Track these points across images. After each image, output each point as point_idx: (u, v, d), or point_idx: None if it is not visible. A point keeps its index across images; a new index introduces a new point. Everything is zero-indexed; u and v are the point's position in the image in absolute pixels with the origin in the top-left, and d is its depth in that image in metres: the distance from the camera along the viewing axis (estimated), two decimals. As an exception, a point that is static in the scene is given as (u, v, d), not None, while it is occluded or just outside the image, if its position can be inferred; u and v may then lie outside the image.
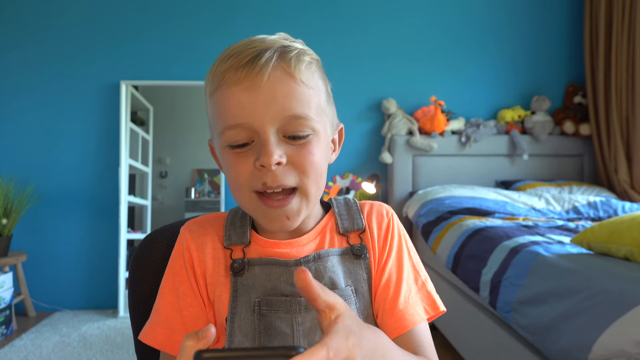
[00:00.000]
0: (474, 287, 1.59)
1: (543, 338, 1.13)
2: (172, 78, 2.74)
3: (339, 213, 0.59)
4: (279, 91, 0.47)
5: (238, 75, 0.47)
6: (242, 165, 0.49)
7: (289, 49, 0.50)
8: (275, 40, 0.51)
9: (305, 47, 0.53)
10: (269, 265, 0.54)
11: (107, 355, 2.02)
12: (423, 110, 2.71)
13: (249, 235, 0.56)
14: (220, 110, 0.49)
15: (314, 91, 0.50)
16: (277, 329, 0.50)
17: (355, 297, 0.53)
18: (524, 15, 2.85)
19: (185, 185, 2.98)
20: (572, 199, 2.27)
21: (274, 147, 0.47)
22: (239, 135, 0.48)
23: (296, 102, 0.48)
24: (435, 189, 2.43)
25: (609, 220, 1.32)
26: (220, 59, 0.51)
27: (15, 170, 2.63)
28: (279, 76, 0.48)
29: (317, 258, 0.54)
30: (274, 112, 0.47)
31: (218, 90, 0.49)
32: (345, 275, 0.54)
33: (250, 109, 0.47)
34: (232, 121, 0.48)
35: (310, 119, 0.49)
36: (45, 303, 2.66)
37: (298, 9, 2.78)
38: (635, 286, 0.99)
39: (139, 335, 0.55)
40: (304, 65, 0.50)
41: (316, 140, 0.50)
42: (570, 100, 2.78)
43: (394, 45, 2.81)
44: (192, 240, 0.57)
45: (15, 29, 2.67)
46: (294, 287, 0.52)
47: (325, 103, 0.54)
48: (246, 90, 0.47)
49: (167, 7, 2.74)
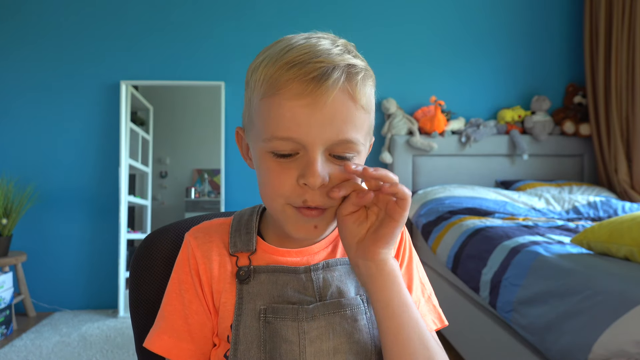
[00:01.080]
0: (474, 287, 1.59)
1: (543, 338, 1.13)
2: (172, 78, 2.74)
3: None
4: (338, 115, 0.46)
5: (302, 90, 0.45)
6: (284, 177, 0.48)
7: (356, 69, 0.48)
8: (340, 54, 0.47)
9: (363, 60, 0.51)
10: (276, 272, 0.53)
11: (107, 355, 2.02)
12: (423, 110, 2.71)
13: (254, 243, 0.56)
14: (272, 118, 0.47)
15: (369, 115, 0.50)
16: (282, 337, 0.50)
17: (366, 307, 0.53)
18: (524, 15, 2.85)
19: (185, 185, 2.98)
20: (572, 199, 2.27)
21: (321, 167, 0.46)
22: (286, 146, 0.47)
23: (352, 127, 0.47)
24: (435, 189, 2.43)
25: (609, 220, 1.32)
26: (280, 62, 0.46)
27: (15, 170, 2.63)
28: (343, 99, 0.46)
29: (325, 267, 0.54)
30: (328, 135, 0.46)
31: (274, 98, 0.46)
32: (357, 285, 0.54)
33: (306, 126, 0.45)
34: (283, 133, 0.46)
35: (359, 143, 0.49)
36: (45, 303, 2.66)
37: (298, 9, 2.78)
38: (635, 286, 0.99)
39: (145, 343, 0.54)
40: (367, 89, 0.49)
41: (358, 160, 0.50)
42: (570, 100, 2.78)
43: (394, 45, 2.81)
44: (197, 248, 0.56)
45: (15, 29, 2.67)
46: (302, 294, 0.52)
47: (372, 122, 0.53)
48: (306, 107, 0.45)
49: (167, 7, 2.74)
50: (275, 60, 0.47)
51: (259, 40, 2.75)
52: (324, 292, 0.52)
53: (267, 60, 0.48)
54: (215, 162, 2.82)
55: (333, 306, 0.51)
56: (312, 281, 0.53)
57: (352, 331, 0.50)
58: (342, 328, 0.50)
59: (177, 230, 0.67)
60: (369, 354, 0.51)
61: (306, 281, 0.53)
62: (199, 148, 3.00)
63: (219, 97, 2.77)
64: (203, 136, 2.96)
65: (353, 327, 0.51)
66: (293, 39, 0.49)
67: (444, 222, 2.04)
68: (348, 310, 0.51)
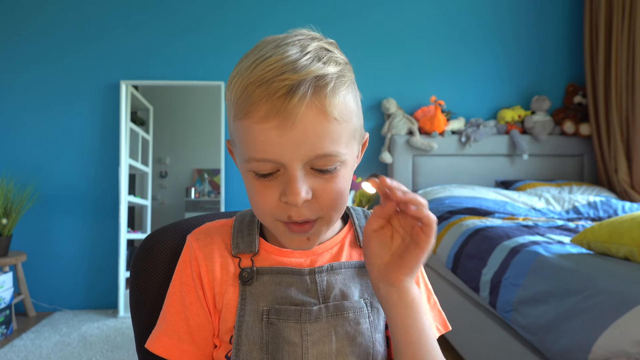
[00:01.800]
0: (474, 287, 1.59)
1: (543, 338, 1.13)
2: (172, 78, 2.74)
3: (359, 225, 0.59)
4: (310, 132, 0.45)
5: (269, 111, 0.44)
6: (267, 195, 0.48)
7: (324, 80, 0.45)
8: (308, 64, 0.45)
9: (340, 62, 0.48)
10: (280, 274, 0.53)
11: (107, 355, 2.02)
12: (423, 110, 2.71)
13: (257, 244, 0.56)
14: (246, 139, 0.47)
15: (347, 123, 0.48)
16: (285, 339, 0.50)
17: (370, 311, 0.53)
18: (524, 15, 2.85)
19: (185, 185, 2.98)
20: (572, 199, 2.27)
21: (301, 184, 0.46)
22: (265, 166, 0.47)
23: (327, 141, 0.46)
24: (435, 189, 2.43)
25: (609, 220, 1.32)
26: (248, 81, 0.45)
27: (15, 170, 2.63)
28: (312, 116, 0.44)
29: (330, 270, 0.54)
30: (303, 152, 0.45)
31: (244, 121, 0.46)
32: (361, 288, 0.54)
33: (279, 147, 0.45)
34: (258, 155, 0.46)
35: (339, 154, 0.47)
36: (45, 303, 2.66)
37: (297, 8, 2.78)
38: (635, 286, 0.99)
39: (146, 344, 0.55)
40: (339, 99, 0.46)
41: (343, 169, 0.49)
42: (570, 100, 2.78)
43: (394, 45, 2.81)
44: (199, 250, 0.56)
45: (15, 29, 2.67)
46: (305, 296, 0.52)
47: (356, 125, 0.51)
48: (276, 129, 0.44)
49: (167, 7, 2.74)
50: (243, 78, 0.46)
51: (259, 40, 2.75)
52: (328, 295, 0.52)
53: (237, 78, 0.47)
54: (215, 162, 2.82)
55: (336, 309, 0.51)
56: (316, 283, 0.53)
57: (354, 334, 0.50)
58: (344, 331, 0.50)
59: (177, 230, 0.67)
60: (370, 358, 0.51)
61: (310, 283, 0.53)
62: (199, 148, 3.00)
63: (219, 97, 2.77)
64: (203, 136, 2.96)
65: (356, 330, 0.51)
66: (264, 48, 0.47)
67: (444, 222, 2.04)
68: (351, 313, 0.51)
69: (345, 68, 0.48)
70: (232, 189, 2.80)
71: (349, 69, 0.50)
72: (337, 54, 0.49)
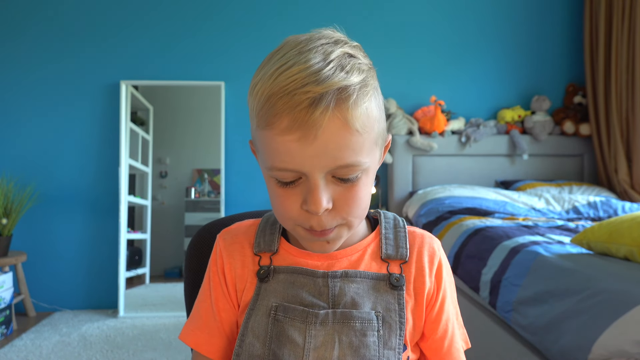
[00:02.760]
0: (474, 287, 1.59)
1: (543, 338, 1.13)
2: (172, 78, 2.74)
3: (386, 236, 0.58)
4: (332, 144, 0.45)
5: (291, 124, 0.44)
6: (289, 202, 0.49)
7: (347, 92, 0.44)
8: (331, 75, 0.44)
9: (364, 69, 0.47)
10: (295, 273, 0.54)
11: (107, 355, 2.02)
12: (423, 110, 2.71)
13: (277, 243, 0.57)
14: (268, 150, 0.47)
15: (369, 133, 0.47)
16: (288, 337, 0.50)
17: (380, 325, 0.51)
18: (524, 15, 2.85)
19: (185, 185, 2.98)
20: (572, 199, 2.27)
21: (322, 193, 0.46)
22: (287, 175, 0.47)
23: (349, 152, 0.46)
24: (435, 189, 2.43)
25: (609, 220, 1.32)
26: (270, 91, 0.44)
27: (15, 170, 2.63)
28: (334, 128, 0.44)
29: (344, 276, 0.53)
30: (325, 163, 0.45)
31: (266, 132, 0.46)
32: (374, 300, 0.53)
33: (300, 158, 0.45)
34: (280, 165, 0.46)
35: (361, 164, 0.47)
36: (45, 303, 2.66)
37: (298, 9, 2.77)
38: (635, 286, 0.99)
39: (180, 335, 0.59)
40: (361, 110, 0.46)
41: (365, 177, 0.49)
42: (570, 100, 2.78)
43: (394, 45, 2.81)
44: (224, 249, 0.59)
45: (14, 29, 2.67)
46: (316, 299, 0.52)
47: (378, 132, 0.50)
48: (297, 141, 0.44)
49: (167, 7, 2.74)
50: (265, 87, 0.45)
51: (259, 41, 2.75)
52: (338, 301, 0.52)
53: (260, 86, 0.46)
54: (215, 162, 2.82)
55: (343, 316, 0.51)
56: (328, 287, 0.53)
57: (359, 345, 0.50)
58: (349, 340, 0.50)
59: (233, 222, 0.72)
60: None
61: (322, 286, 0.53)
62: (199, 148, 3.00)
63: (219, 97, 2.77)
64: (203, 136, 2.96)
65: (361, 341, 0.50)
66: (287, 53, 0.46)
67: (444, 222, 2.04)
68: (357, 323, 0.50)
69: (368, 75, 0.48)
70: (232, 189, 2.80)
71: (372, 75, 0.49)
72: (361, 58, 0.48)
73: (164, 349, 2.08)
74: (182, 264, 2.97)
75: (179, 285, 2.92)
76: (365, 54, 0.51)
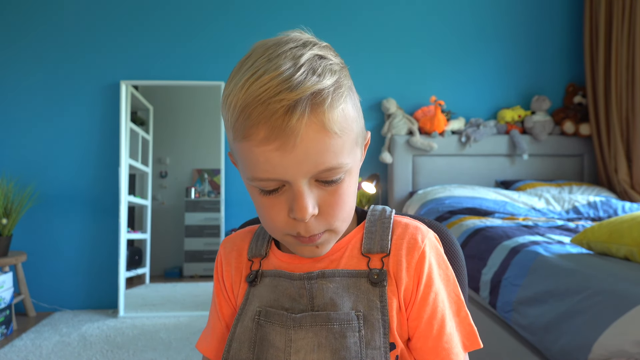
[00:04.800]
0: (474, 287, 1.59)
1: (543, 338, 1.13)
2: (172, 78, 2.74)
3: (368, 230, 0.55)
4: (311, 150, 0.44)
5: (268, 134, 0.43)
6: (275, 212, 0.48)
7: (321, 96, 0.44)
8: (303, 80, 0.43)
9: (336, 70, 0.46)
10: (278, 277, 0.54)
11: (107, 355, 2.02)
12: (423, 110, 2.71)
13: (266, 248, 0.58)
14: (248, 160, 0.46)
15: (348, 134, 0.47)
16: (270, 342, 0.50)
17: (361, 324, 0.49)
18: (524, 15, 2.85)
19: (185, 185, 2.98)
20: (572, 199, 2.27)
21: (308, 199, 0.46)
22: (270, 184, 0.47)
23: (330, 156, 0.45)
24: (435, 189, 2.43)
25: (609, 220, 1.32)
26: (243, 102, 0.44)
27: (15, 170, 2.63)
28: (313, 134, 0.44)
29: (321, 276, 0.52)
30: (307, 169, 0.45)
31: (244, 143, 0.45)
32: (355, 299, 0.51)
33: (281, 167, 0.45)
34: (262, 175, 0.46)
35: (342, 165, 0.47)
36: (45, 303, 2.66)
37: (297, 9, 2.78)
38: (635, 286, 0.99)
39: (196, 344, 0.62)
40: (338, 113, 0.45)
41: (348, 177, 0.49)
42: (570, 100, 2.78)
43: (394, 45, 2.81)
44: (224, 256, 0.61)
45: (14, 29, 2.67)
46: (296, 302, 0.52)
47: (357, 131, 0.50)
48: (277, 150, 0.44)
49: (167, 7, 2.74)
50: (238, 98, 0.44)
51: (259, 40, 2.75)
52: (317, 302, 0.51)
53: (232, 97, 0.45)
54: (215, 162, 2.82)
55: (321, 318, 0.49)
56: (306, 289, 0.52)
57: (338, 347, 0.48)
58: (328, 342, 0.48)
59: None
60: None
61: (300, 289, 0.52)
62: (199, 148, 3.01)
63: (218, 97, 2.76)
64: (203, 136, 2.97)
65: (341, 343, 0.48)
66: (256, 61, 0.46)
67: (444, 222, 2.04)
68: (336, 325, 0.49)
69: (341, 75, 0.47)
70: (232, 189, 2.80)
71: (345, 74, 0.48)
72: (332, 58, 0.47)
73: (164, 349, 2.08)
74: (182, 264, 2.97)
75: (179, 285, 2.92)
76: (335, 53, 0.50)
